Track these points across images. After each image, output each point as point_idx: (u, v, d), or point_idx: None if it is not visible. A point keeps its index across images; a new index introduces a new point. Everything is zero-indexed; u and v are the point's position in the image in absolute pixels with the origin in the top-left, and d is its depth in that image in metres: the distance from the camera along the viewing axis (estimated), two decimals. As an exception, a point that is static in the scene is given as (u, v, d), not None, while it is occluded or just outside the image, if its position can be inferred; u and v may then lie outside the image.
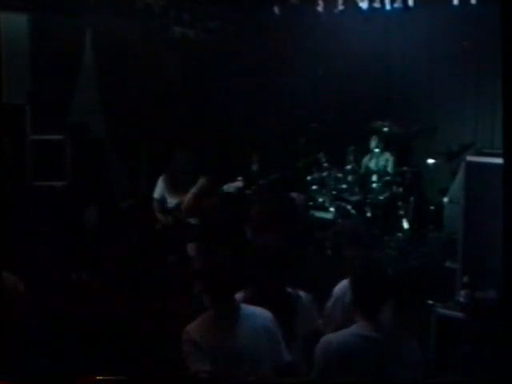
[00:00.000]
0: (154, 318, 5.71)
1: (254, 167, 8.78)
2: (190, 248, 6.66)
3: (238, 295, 3.77)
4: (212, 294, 3.43)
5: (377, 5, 8.12)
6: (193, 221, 6.70)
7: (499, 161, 4.03)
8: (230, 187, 7.25)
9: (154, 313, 5.84)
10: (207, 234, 5.90)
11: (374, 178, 8.28)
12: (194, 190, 6.58)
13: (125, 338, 5.25)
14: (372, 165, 8.55)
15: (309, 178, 8.46)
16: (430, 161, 8.11)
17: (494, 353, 3.43)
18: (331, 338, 3.35)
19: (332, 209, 8.07)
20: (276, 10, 8.69)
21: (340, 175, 8.37)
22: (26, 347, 4.27)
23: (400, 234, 7.93)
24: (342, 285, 4.09)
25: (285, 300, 3.78)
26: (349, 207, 7.99)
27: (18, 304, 4.23)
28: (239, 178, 8.26)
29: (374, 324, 3.28)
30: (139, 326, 5.51)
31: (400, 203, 8.12)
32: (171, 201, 6.92)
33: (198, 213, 6.36)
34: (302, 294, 3.91)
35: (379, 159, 8.51)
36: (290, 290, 3.85)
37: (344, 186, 8.28)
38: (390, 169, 8.39)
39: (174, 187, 6.90)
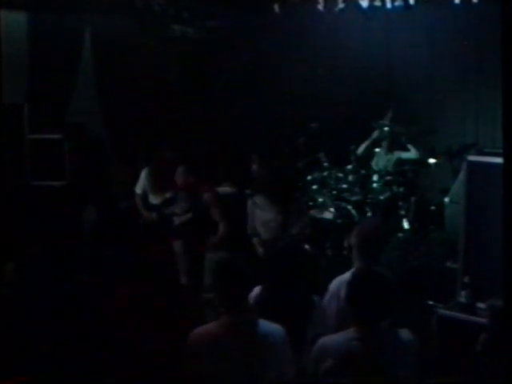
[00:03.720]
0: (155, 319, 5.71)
1: (254, 167, 8.74)
2: (176, 245, 6.70)
3: (253, 295, 3.75)
4: (225, 303, 3.35)
5: (377, 3, 8.08)
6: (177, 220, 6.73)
7: (501, 160, 4.00)
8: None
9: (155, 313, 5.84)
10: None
11: (375, 177, 8.25)
12: None
13: (124, 338, 5.24)
14: (379, 165, 8.47)
15: (309, 177, 8.43)
16: (431, 160, 8.09)
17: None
18: (326, 342, 3.30)
19: (332, 209, 8.04)
20: (276, 8, 8.65)
21: (340, 175, 8.34)
22: (24, 348, 4.26)
23: (401, 234, 7.91)
24: (337, 280, 4.08)
25: (299, 304, 3.76)
26: (349, 207, 7.96)
27: None
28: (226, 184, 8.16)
29: (370, 329, 3.22)
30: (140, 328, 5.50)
31: (401, 203, 8.10)
32: (153, 197, 6.94)
33: None
34: (314, 297, 3.91)
35: (386, 159, 8.45)
36: (304, 293, 3.84)
37: (344, 186, 8.25)
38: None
39: (157, 184, 6.92)
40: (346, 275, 3.97)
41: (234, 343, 3.27)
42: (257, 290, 3.85)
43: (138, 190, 7.09)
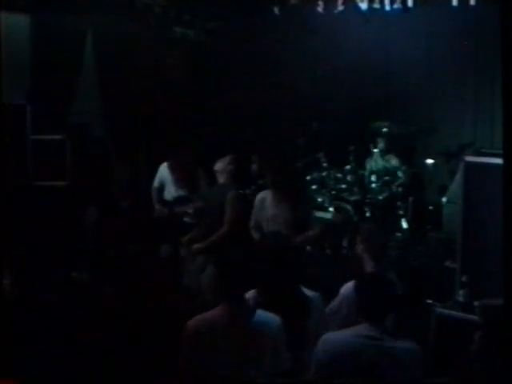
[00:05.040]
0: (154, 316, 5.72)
1: (254, 167, 8.78)
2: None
3: (251, 295, 3.80)
4: (224, 292, 3.45)
5: (376, 5, 8.13)
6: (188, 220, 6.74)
7: (498, 161, 4.06)
8: None
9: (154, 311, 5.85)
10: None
11: (374, 178, 8.29)
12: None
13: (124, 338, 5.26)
14: (376, 166, 8.50)
15: (308, 177, 8.47)
16: (429, 161, 8.14)
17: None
18: (331, 336, 3.39)
19: (331, 209, 8.08)
20: (276, 10, 8.70)
21: (339, 175, 8.38)
22: (25, 348, 4.28)
23: (399, 234, 7.94)
24: (349, 286, 4.15)
25: (298, 302, 3.81)
26: (348, 207, 8.00)
27: None
28: None
29: (377, 327, 3.32)
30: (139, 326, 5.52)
31: (399, 203, 8.13)
32: (168, 194, 6.87)
33: None
34: (313, 294, 3.95)
35: (382, 160, 8.48)
36: (303, 291, 3.89)
37: (343, 186, 8.29)
38: (399, 172, 8.32)
39: (175, 181, 6.84)
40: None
41: (230, 331, 3.35)
42: (251, 292, 3.89)
43: (156, 183, 7.00)
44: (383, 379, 3.26)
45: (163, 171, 6.92)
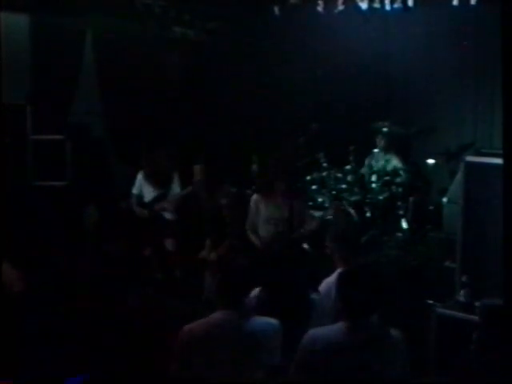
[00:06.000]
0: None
1: (254, 167, 8.78)
2: (168, 243, 6.88)
3: (253, 296, 3.79)
4: (224, 296, 3.43)
5: (376, 5, 8.13)
6: (168, 216, 7.06)
7: (498, 161, 4.06)
8: None
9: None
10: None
11: (374, 178, 8.29)
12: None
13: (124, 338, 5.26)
14: (376, 166, 8.50)
15: (308, 177, 8.47)
16: (430, 161, 8.14)
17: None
18: (315, 333, 3.35)
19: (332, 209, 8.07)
20: (276, 10, 8.70)
21: (340, 175, 8.38)
22: (27, 348, 4.28)
23: (399, 234, 7.94)
24: (326, 282, 4.16)
25: (300, 303, 3.82)
26: (348, 207, 8.00)
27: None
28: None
29: (359, 324, 3.28)
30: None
31: (399, 203, 8.13)
32: (148, 195, 7.13)
33: None
34: (314, 296, 3.94)
35: (383, 160, 8.48)
36: (305, 292, 3.88)
37: (343, 186, 8.29)
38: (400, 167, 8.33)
39: (152, 186, 7.15)
40: (334, 276, 4.05)
41: (223, 339, 3.32)
42: (256, 291, 3.89)
43: (135, 190, 7.26)
44: (375, 375, 3.23)
45: (141, 179, 7.17)
